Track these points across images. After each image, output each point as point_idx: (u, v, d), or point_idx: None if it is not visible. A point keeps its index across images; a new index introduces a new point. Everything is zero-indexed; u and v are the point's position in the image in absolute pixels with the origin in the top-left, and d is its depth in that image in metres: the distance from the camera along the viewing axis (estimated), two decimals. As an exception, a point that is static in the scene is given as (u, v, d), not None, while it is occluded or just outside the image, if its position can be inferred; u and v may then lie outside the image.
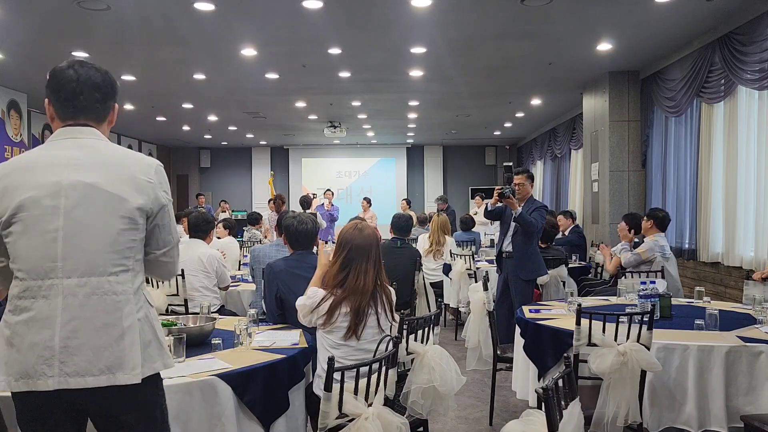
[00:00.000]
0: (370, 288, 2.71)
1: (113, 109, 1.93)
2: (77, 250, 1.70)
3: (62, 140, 1.82)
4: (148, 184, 1.81)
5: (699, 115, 6.97)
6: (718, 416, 2.90)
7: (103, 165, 1.78)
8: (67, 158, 1.77)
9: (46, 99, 1.87)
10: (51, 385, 1.65)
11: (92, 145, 1.82)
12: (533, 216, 4.97)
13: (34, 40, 6.82)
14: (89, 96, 1.84)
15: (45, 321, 1.67)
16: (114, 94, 1.92)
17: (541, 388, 1.77)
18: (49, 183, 1.73)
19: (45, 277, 1.69)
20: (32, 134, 10.76)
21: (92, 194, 1.73)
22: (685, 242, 7.28)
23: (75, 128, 1.83)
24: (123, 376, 1.69)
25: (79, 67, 1.85)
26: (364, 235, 2.77)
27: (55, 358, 1.65)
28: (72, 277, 1.69)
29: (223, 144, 16.92)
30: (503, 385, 4.63)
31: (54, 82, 1.84)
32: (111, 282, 1.72)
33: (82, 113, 1.84)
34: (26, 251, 1.71)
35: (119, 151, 1.86)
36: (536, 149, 14.74)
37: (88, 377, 1.66)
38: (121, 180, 1.77)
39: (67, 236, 1.70)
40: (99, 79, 1.86)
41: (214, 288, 4.54)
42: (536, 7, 5.80)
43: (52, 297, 1.68)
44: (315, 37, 6.81)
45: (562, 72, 8.52)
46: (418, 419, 2.89)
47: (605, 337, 2.95)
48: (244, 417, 2.46)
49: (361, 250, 2.74)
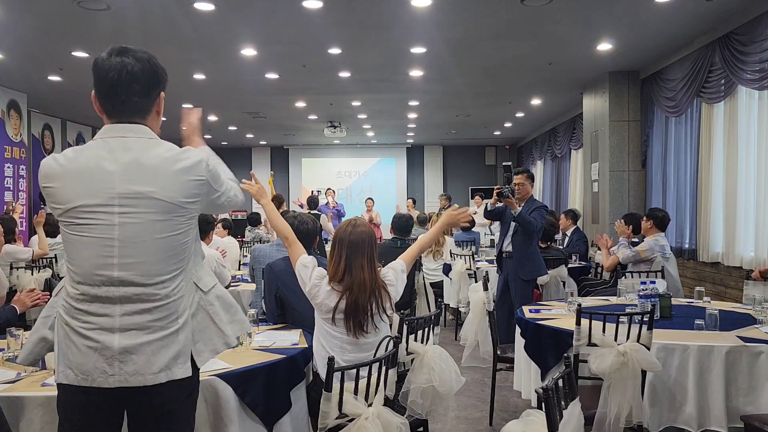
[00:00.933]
0: (366, 283, 2.70)
1: (159, 98, 1.88)
2: (133, 261, 1.71)
3: (109, 140, 1.78)
4: (199, 183, 1.81)
5: (699, 115, 6.97)
6: (718, 416, 2.91)
7: (153, 171, 1.75)
8: (117, 163, 1.74)
9: (93, 92, 1.82)
10: (112, 383, 1.68)
11: (139, 147, 1.78)
12: (533, 216, 4.97)
13: (34, 40, 6.81)
14: (129, 90, 1.78)
15: (104, 325, 1.69)
16: (159, 83, 1.86)
17: (541, 388, 1.77)
18: (102, 191, 1.71)
19: (101, 284, 1.70)
20: (32, 134, 10.77)
21: (145, 204, 1.73)
22: (685, 242, 7.28)
23: (121, 126, 1.79)
24: (179, 371, 1.74)
25: (117, 56, 1.77)
26: (357, 232, 2.77)
27: (114, 359, 1.68)
28: (129, 286, 1.70)
29: (223, 144, 16.91)
30: (503, 385, 4.63)
31: (96, 75, 1.79)
32: (167, 287, 1.74)
33: (124, 110, 1.80)
34: (82, 258, 1.72)
35: (168, 152, 1.81)
36: (536, 149, 14.74)
37: (148, 375, 1.70)
38: (173, 187, 1.76)
39: (123, 247, 1.71)
40: (138, 69, 1.78)
41: None
42: (536, 7, 5.80)
43: (109, 303, 1.70)
44: (315, 37, 6.81)
45: (562, 72, 8.52)
46: (417, 419, 2.89)
47: (605, 337, 2.95)
48: (246, 417, 2.46)
49: (355, 246, 2.74)
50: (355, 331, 2.68)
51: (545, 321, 3.57)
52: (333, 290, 2.71)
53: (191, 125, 2.14)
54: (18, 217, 7.40)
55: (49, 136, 11.52)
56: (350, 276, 2.70)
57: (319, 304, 2.72)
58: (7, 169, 9.35)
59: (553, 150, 12.86)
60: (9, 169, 9.39)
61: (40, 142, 11.23)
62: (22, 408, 2.18)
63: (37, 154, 10.90)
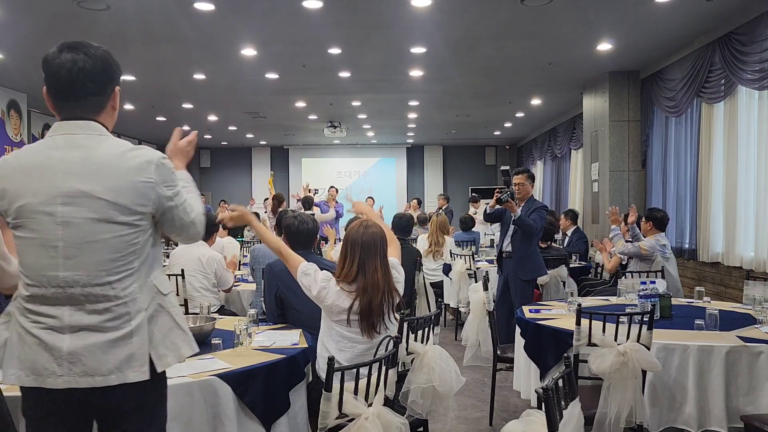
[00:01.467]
0: (382, 285, 2.70)
1: (114, 93, 1.82)
2: (78, 261, 1.67)
3: (57, 137, 1.74)
4: (147, 185, 1.73)
5: (699, 115, 6.97)
6: (718, 416, 2.91)
7: (99, 170, 1.70)
8: (62, 161, 1.70)
9: (44, 88, 1.77)
10: (60, 384, 1.65)
11: (88, 145, 1.72)
12: (532, 217, 4.97)
13: (34, 40, 6.81)
14: (81, 87, 1.73)
15: (53, 326, 1.67)
16: (112, 78, 1.80)
17: (541, 388, 1.77)
18: (45, 189, 1.68)
19: (48, 286, 1.68)
20: (32, 134, 10.76)
21: (89, 203, 1.68)
22: (685, 242, 7.28)
23: (72, 123, 1.74)
24: (132, 374, 1.69)
25: (68, 52, 1.72)
26: (369, 232, 2.76)
27: (63, 359, 1.65)
28: (75, 287, 1.67)
29: (223, 144, 16.92)
30: (503, 385, 4.63)
31: (46, 72, 1.74)
32: (116, 288, 1.70)
33: (77, 106, 1.75)
34: (29, 259, 1.70)
35: (118, 149, 1.74)
36: (536, 149, 14.74)
37: (97, 377, 1.66)
38: (118, 186, 1.70)
39: (67, 247, 1.67)
40: (90, 66, 1.73)
41: (213, 289, 4.54)
42: (536, 7, 5.80)
43: (59, 305, 1.68)
44: (315, 37, 6.81)
45: (562, 72, 8.52)
46: (418, 419, 2.89)
47: (605, 337, 2.95)
48: (245, 417, 2.46)
49: (368, 247, 2.73)
50: (369, 331, 2.68)
51: (545, 321, 3.57)
52: (343, 291, 2.70)
53: (175, 148, 2.09)
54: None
55: (49, 136, 11.52)
56: (364, 277, 2.69)
57: (330, 306, 2.70)
58: (7, 169, 9.34)
59: (553, 150, 12.86)
60: (9, 169, 9.38)
61: (40, 142, 11.21)
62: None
63: (37, 154, 10.88)
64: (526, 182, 5.22)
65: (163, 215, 1.80)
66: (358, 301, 2.67)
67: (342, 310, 2.68)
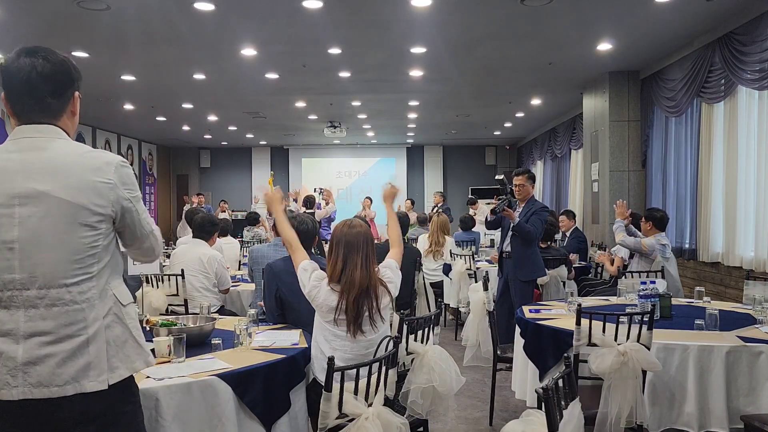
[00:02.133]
0: (361, 282, 2.69)
1: (73, 98, 1.80)
2: (34, 262, 1.64)
3: (17, 141, 1.72)
4: (106, 186, 1.71)
5: (699, 115, 6.97)
6: (719, 417, 2.90)
7: (57, 170, 1.68)
8: (21, 162, 1.67)
9: (2, 94, 1.75)
10: (15, 395, 1.61)
11: (47, 147, 1.71)
12: (532, 221, 4.98)
13: (34, 40, 6.77)
14: (40, 91, 1.71)
15: (8, 332, 1.63)
16: (72, 83, 1.79)
17: (541, 388, 1.77)
18: (3, 191, 1.65)
19: (3, 289, 1.64)
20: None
21: (47, 203, 1.65)
22: (685, 242, 7.28)
23: (31, 127, 1.73)
24: (89, 384, 1.65)
25: (26, 57, 1.71)
26: (353, 232, 2.79)
27: (18, 369, 1.61)
28: (31, 288, 1.64)
29: (223, 144, 16.91)
30: (503, 385, 4.63)
31: (4, 77, 1.72)
32: (72, 292, 1.66)
33: (35, 111, 1.73)
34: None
35: (77, 151, 1.73)
36: (536, 149, 14.74)
37: (52, 387, 1.62)
38: (77, 186, 1.67)
39: (24, 248, 1.64)
40: (49, 70, 1.72)
41: (213, 289, 4.54)
42: (536, 7, 5.80)
43: (14, 308, 1.64)
44: (315, 37, 6.81)
45: (562, 72, 8.52)
46: (418, 419, 2.89)
47: (605, 337, 2.95)
48: (245, 417, 2.46)
49: (350, 246, 2.76)
50: (354, 330, 2.69)
51: (545, 321, 3.56)
52: (332, 291, 2.72)
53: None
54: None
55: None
56: (346, 276, 2.71)
57: (320, 305, 2.73)
58: (7, 169, 9.33)
59: (553, 150, 12.86)
60: (9, 169, 9.37)
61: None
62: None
63: (37, 154, 10.88)
64: (527, 183, 5.22)
65: (123, 219, 1.77)
66: (343, 300, 2.68)
67: (330, 308, 2.70)
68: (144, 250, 1.89)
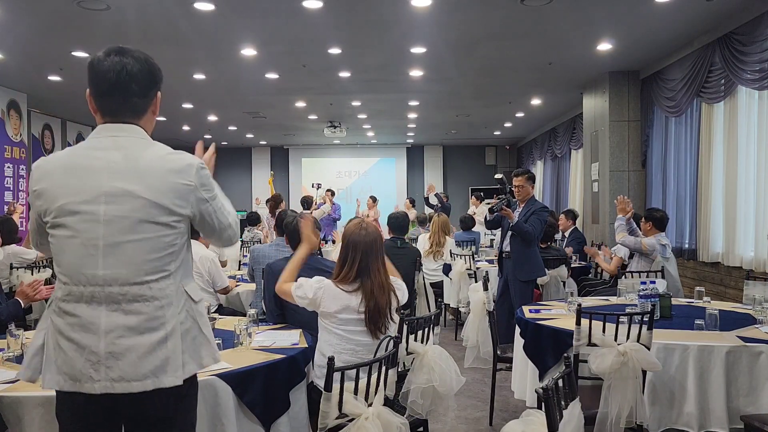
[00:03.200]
0: (385, 286, 2.74)
1: (156, 98, 1.88)
2: (118, 259, 1.69)
3: (102, 139, 1.78)
4: (188, 188, 1.77)
5: (699, 115, 6.97)
6: (719, 417, 2.90)
7: (143, 170, 1.74)
8: (106, 161, 1.73)
9: (87, 90, 1.81)
10: (97, 389, 1.66)
11: (131, 146, 1.77)
12: (531, 221, 4.97)
13: (34, 40, 6.81)
14: (127, 89, 1.78)
15: (89, 326, 1.68)
16: (155, 83, 1.86)
17: (541, 388, 1.77)
18: (88, 188, 1.70)
19: (87, 284, 1.69)
20: (32, 134, 10.76)
21: (132, 202, 1.71)
22: (685, 242, 7.28)
23: (114, 126, 1.79)
24: (167, 379, 1.70)
25: (116, 56, 1.77)
26: (370, 237, 2.80)
27: (101, 363, 1.66)
28: (113, 285, 1.69)
29: (223, 144, 16.91)
30: (503, 385, 4.63)
31: (92, 75, 1.78)
32: (153, 288, 1.71)
33: (120, 108, 1.79)
34: (68, 257, 1.71)
35: (160, 152, 1.80)
36: (536, 149, 14.74)
37: (133, 382, 1.67)
38: (160, 186, 1.74)
39: (108, 245, 1.69)
40: (137, 69, 1.78)
41: (209, 288, 4.55)
42: (536, 7, 5.80)
43: (95, 304, 1.68)
44: (315, 37, 6.81)
45: (562, 72, 8.52)
46: (418, 419, 2.89)
47: (605, 337, 2.95)
48: (244, 417, 2.46)
49: (370, 251, 2.76)
50: (374, 333, 2.71)
51: (545, 321, 3.56)
52: (344, 291, 2.72)
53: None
54: (18, 218, 7.40)
55: (49, 136, 11.52)
56: (370, 279, 2.72)
57: (329, 305, 2.71)
58: (7, 169, 9.35)
59: (553, 150, 12.86)
60: (9, 169, 9.39)
61: (40, 142, 11.22)
62: (22, 408, 2.17)
63: (37, 154, 10.90)
64: (526, 183, 5.20)
65: (202, 218, 1.84)
66: (364, 302, 2.69)
67: (345, 308, 2.69)
68: (223, 240, 1.96)
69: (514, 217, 4.95)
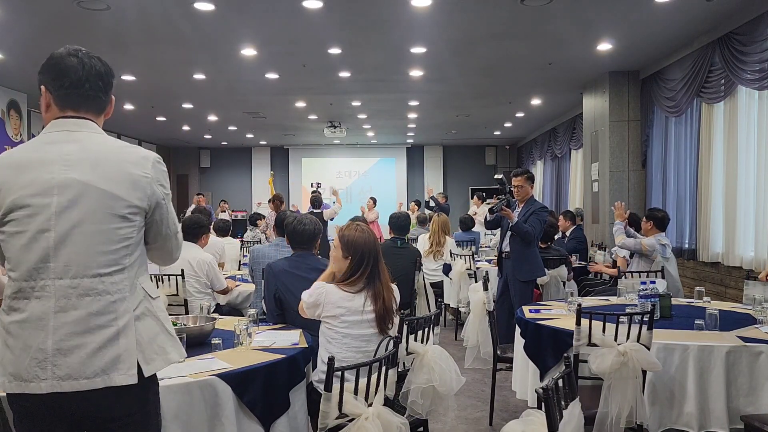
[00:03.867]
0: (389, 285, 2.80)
1: (111, 101, 1.88)
2: (70, 251, 1.65)
3: (55, 133, 1.74)
4: (144, 179, 1.74)
5: (699, 115, 6.97)
6: (719, 417, 2.90)
7: (97, 161, 1.71)
8: (59, 154, 1.70)
9: (42, 86, 1.78)
10: (44, 388, 1.61)
11: (85, 139, 1.74)
12: (530, 221, 4.97)
13: (34, 40, 6.81)
14: (94, 85, 1.78)
15: (38, 323, 1.63)
16: (112, 86, 1.87)
17: (541, 388, 1.77)
18: (40, 180, 1.67)
19: (37, 278, 1.64)
20: (32, 134, 10.75)
21: (85, 192, 1.67)
22: (685, 242, 7.28)
23: (69, 120, 1.76)
24: (119, 377, 1.64)
25: (82, 55, 1.78)
26: (370, 239, 2.83)
27: (48, 361, 1.61)
28: (64, 278, 1.64)
29: (223, 144, 16.91)
30: (503, 385, 4.63)
31: (56, 69, 1.76)
32: (105, 282, 1.67)
33: (84, 103, 1.78)
34: (18, 252, 1.66)
35: (114, 144, 1.78)
36: (536, 149, 14.74)
37: (81, 380, 1.61)
38: (116, 177, 1.71)
39: (60, 236, 1.65)
40: (102, 69, 1.80)
41: (207, 290, 4.53)
42: (536, 7, 5.80)
43: (45, 298, 1.64)
44: (315, 37, 6.81)
45: (562, 72, 8.52)
46: (418, 419, 2.89)
47: (605, 337, 2.95)
48: (244, 417, 2.46)
49: (373, 252, 2.80)
50: (384, 330, 2.75)
51: (545, 321, 3.56)
52: (348, 293, 2.74)
53: None
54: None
55: (49, 136, 11.52)
56: (379, 280, 2.76)
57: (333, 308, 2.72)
58: (7, 169, 9.35)
59: (553, 150, 12.86)
60: (9, 169, 9.38)
61: (40, 142, 11.22)
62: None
63: (37, 154, 10.89)
64: (525, 183, 5.20)
65: (153, 216, 1.79)
66: (372, 303, 2.72)
67: (349, 310, 2.70)
68: (166, 251, 1.90)
69: (514, 217, 4.95)
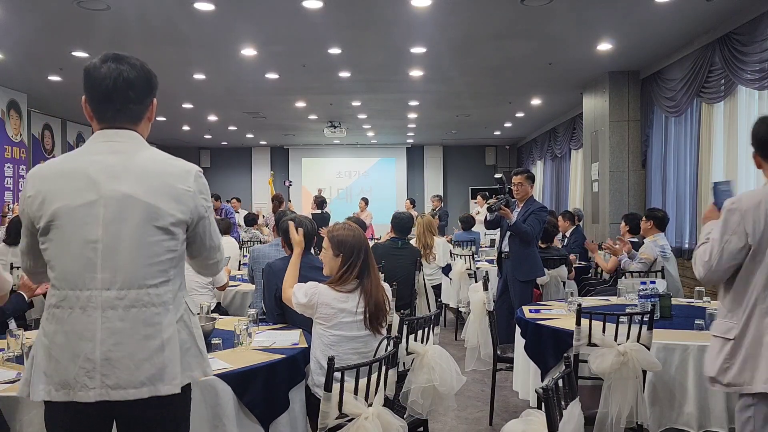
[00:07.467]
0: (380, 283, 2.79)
1: (151, 105, 1.86)
2: (116, 263, 1.66)
3: (99, 144, 1.76)
4: (187, 192, 1.75)
5: (699, 115, 6.97)
6: (719, 417, 2.90)
7: (141, 173, 1.72)
8: (103, 165, 1.71)
9: (83, 97, 1.80)
10: (92, 397, 1.63)
11: (128, 150, 1.75)
12: (529, 221, 4.96)
13: (34, 40, 6.81)
14: (123, 96, 1.76)
15: (84, 333, 1.64)
16: (151, 90, 1.84)
17: (541, 388, 1.77)
18: (86, 191, 1.68)
19: (83, 288, 1.65)
20: (32, 134, 10.77)
21: (131, 205, 1.68)
22: (685, 242, 7.27)
23: (111, 131, 1.77)
24: (164, 387, 1.67)
25: (112, 63, 1.76)
26: (360, 238, 2.82)
27: (96, 371, 1.63)
28: (111, 289, 1.65)
29: (223, 144, 16.92)
30: (503, 385, 4.63)
31: (88, 82, 1.77)
32: (150, 294, 1.69)
33: (117, 115, 1.77)
34: (64, 260, 1.67)
35: (158, 157, 1.79)
36: (536, 149, 14.74)
37: (129, 389, 1.64)
38: (159, 190, 1.72)
39: (107, 248, 1.66)
40: (133, 76, 1.77)
41: (208, 286, 4.56)
42: (536, 7, 5.80)
43: (91, 309, 1.65)
44: (315, 37, 6.81)
45: (562, 72, 8.52)
46: (418, 419, 2.89)
47: (605, 337, 2.95)
48: (244, 417, 2.46)
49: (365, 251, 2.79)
50: (378, 329, 2.74)
51: (545, 321, 3.56)
52: (341, 293, 2.73)
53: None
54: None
55: (49, 136, 11.53)
56: (369, 279, 2.75)
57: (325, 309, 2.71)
58: (7, 169, 9.36)
59: (553, 150, 12.86)
60: (9, 169, 9.40)
61: (40, 142, 11.23)
62: (21, 408, 2.17)
63: (37, 154, 10.91)
64: (525, 183, 5.19)
65: (195, 229, 1.80)
66: (364, 302, 2.71)
67: (343, 311, 2.69)
68: (209, 265, 1.92)
69: (512, 216, 4.94)
